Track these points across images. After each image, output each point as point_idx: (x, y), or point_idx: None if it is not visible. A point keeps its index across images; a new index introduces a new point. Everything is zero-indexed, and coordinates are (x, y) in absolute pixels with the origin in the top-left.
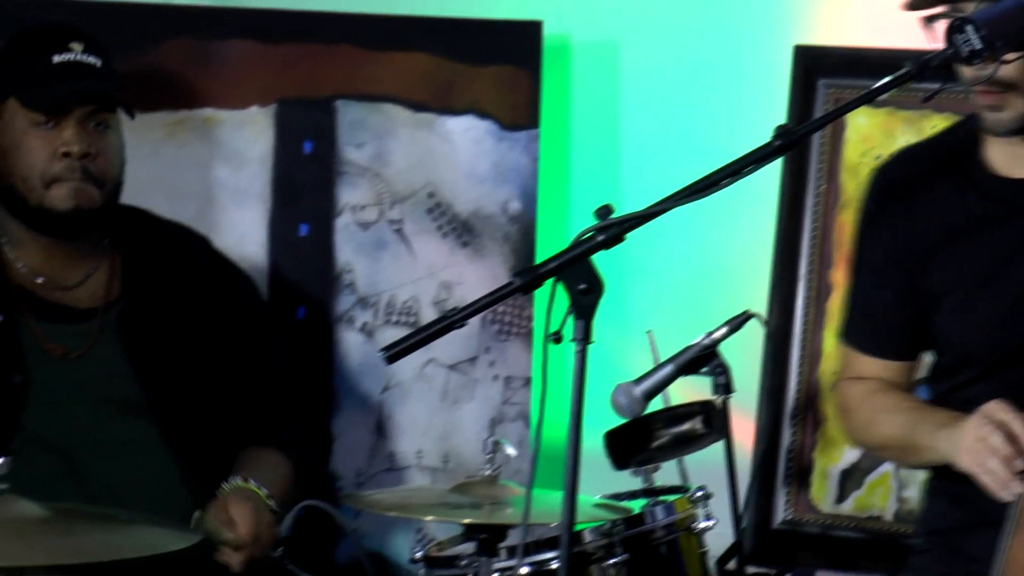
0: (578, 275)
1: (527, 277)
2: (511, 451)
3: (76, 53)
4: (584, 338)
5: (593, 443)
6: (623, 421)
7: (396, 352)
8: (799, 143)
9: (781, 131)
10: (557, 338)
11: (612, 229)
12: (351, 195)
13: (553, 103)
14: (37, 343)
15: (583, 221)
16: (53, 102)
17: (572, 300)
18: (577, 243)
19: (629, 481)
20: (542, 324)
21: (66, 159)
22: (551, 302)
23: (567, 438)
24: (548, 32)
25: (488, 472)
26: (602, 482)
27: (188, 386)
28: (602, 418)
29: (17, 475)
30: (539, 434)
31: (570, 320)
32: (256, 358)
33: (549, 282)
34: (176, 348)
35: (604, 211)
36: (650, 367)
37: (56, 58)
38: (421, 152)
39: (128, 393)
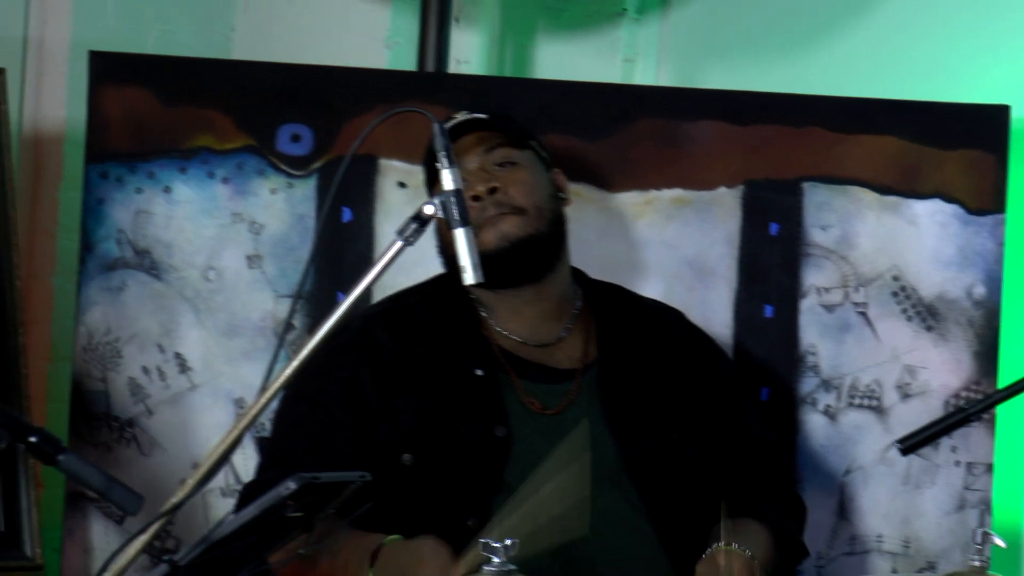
0: None
1: None
2: (1000, 543)
3: (465, 114)
4: None
5: None
6: None
7: (912, 444)
8: None
9: None
10: None
11: None
12: (816, 277)
13: (1019, 188)
14: (517, 398)
15: None
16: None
17: None
18: None
19: None
20: (1006, 411)
21: (477, 203)
22: None
23: None
24: (1016, 116)
25: (976, 563)
26: None
27: (663, 450)
28: None
29: None
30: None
31: None
32: (730, 427)
33: None
34: (651, 412)
35: None
36: None
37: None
38: (886, 235)
39: (605, 454)
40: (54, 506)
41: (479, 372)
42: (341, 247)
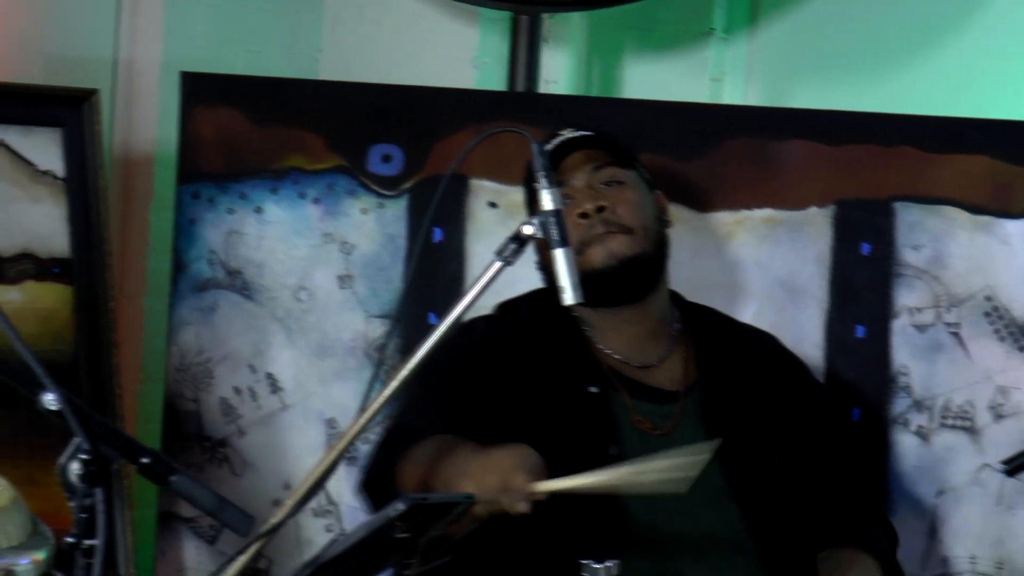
0: None
1: None
2: None
3: (571, 131)
4: None
5: None
6: None
7: (1016, 465)
8: None
9: None
10: None
11: None
12: (908, 297)
13: None
14: (628, 417)
15: None
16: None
17: None
18: None
19: None
20: None
21: (585, 220)
22: None
23: None
24: None
25: None
26: None
27: (767, 472)
28: None
29: None
30: None
31: None
32: (825, 453)
33: None
34: (753, 434)
35: None
36: None
37: (547, 146)
38: (979, 255)
39: (709, 476)
40: (145, 526)
41: (593, 389)
42: (432, 267)
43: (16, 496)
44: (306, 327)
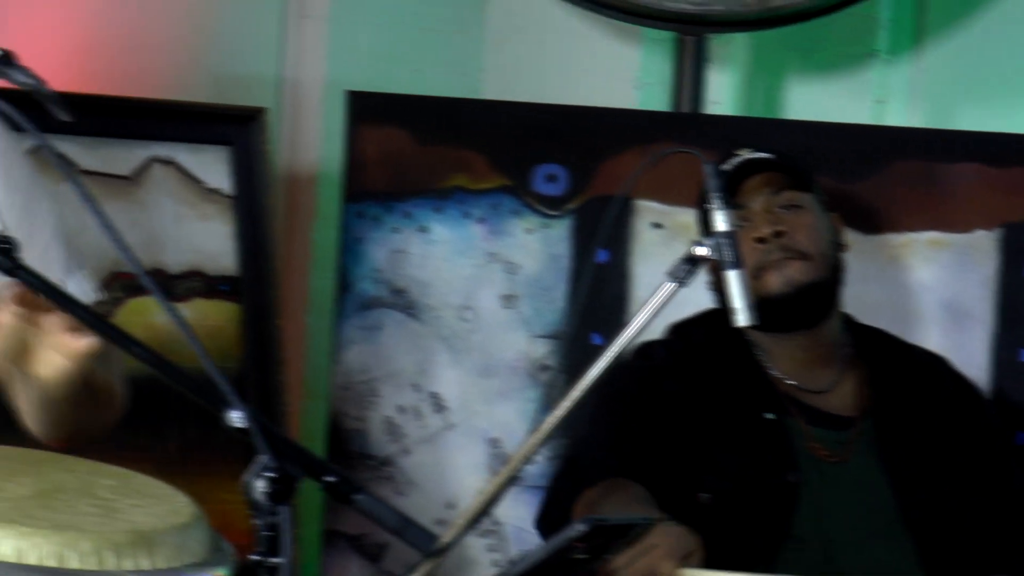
0: None
1: None
2: None
3: (749, 152)
4: None
5: None
6: None
7: None
8: None
9: None
10: None
11: None
12: None
13: None
14: (803, 444)
15: None
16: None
17: None
18: None
19: None
20: None
21: (762, 245)
22: None
23: None
24: None
25: None
26: None
27: (941, 500)
28: None
29: None
30: None
31: None
32: (997, 478)
33: None
34: (928, 461)
35: None
36: None
37: (725, 167)
38: None
39: (882, 504)
40: (310, 544)
41: (769, 416)
42: (596, 288)
43: (198, 513)
44: (470, 346)
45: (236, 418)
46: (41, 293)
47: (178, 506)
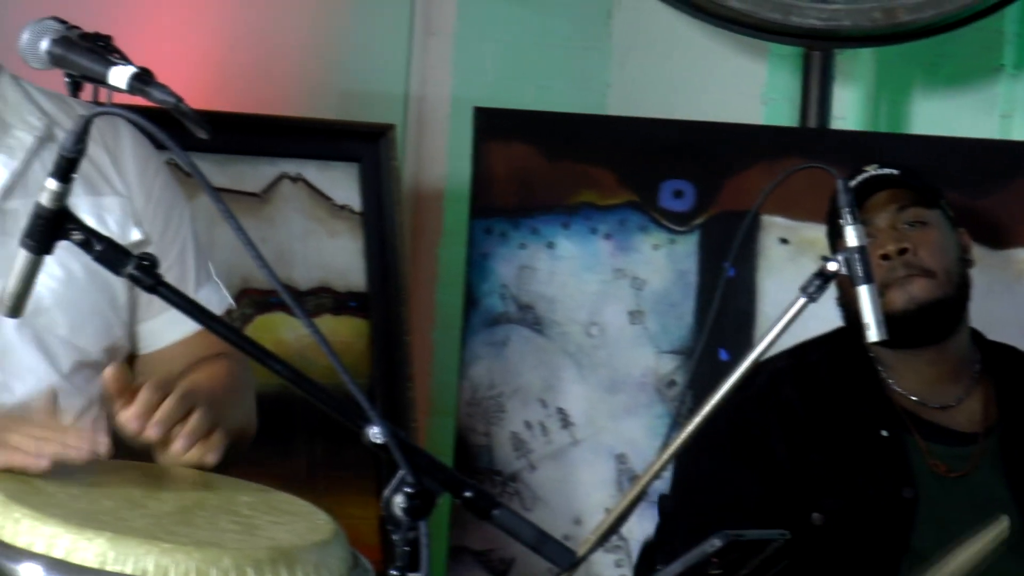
0: None
1: None
2: None
3: (875, 168)
4: None
5: None
6: None
7: None
8: None
9: None
10: None
11: None
12: None
13: None
14: (923, 460)
15: None
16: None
17: None
18: None
19: None
20: None
21: (886, 262)
22: None
23: None
24: None
25: None
26: None
27: None
28: None
29: None
30: None
31: None
32: None
33: None
34: None
35: None
36: None
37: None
38: None
39: (1013, 521)
40: (436, 560)
41: (884, 433)
42: (724, 303)
43: (337, 530)
44: (597, 362)
45: (375, 434)
46: (180, 310)
47: (318, 523)
